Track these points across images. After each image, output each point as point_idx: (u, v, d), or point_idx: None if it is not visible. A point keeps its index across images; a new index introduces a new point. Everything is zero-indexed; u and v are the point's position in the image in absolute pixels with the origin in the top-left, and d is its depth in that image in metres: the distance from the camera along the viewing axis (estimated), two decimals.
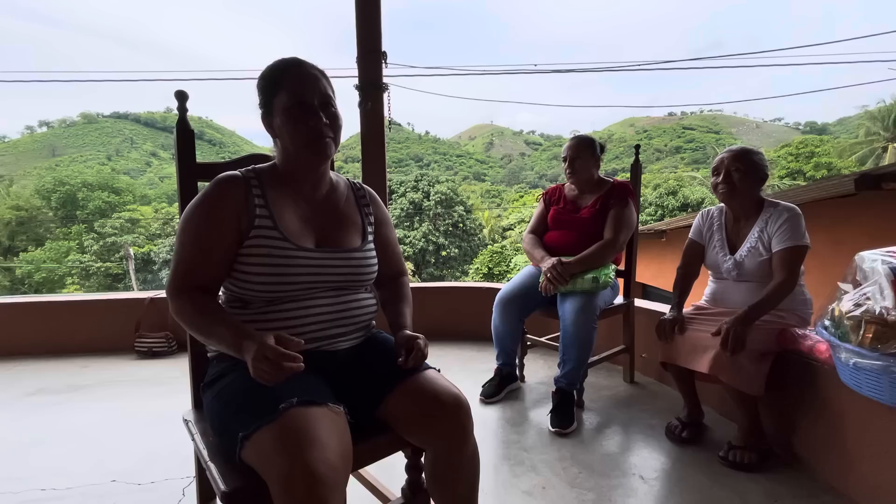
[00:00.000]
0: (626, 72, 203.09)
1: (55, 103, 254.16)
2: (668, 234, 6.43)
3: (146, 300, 2.94)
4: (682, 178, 29.93)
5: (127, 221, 28.82)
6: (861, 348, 1.21)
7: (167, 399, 2.24)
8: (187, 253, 0.97)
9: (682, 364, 1.71)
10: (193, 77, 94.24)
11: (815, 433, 1.59)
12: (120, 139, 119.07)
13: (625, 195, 2.13)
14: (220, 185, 0.99)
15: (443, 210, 26.06)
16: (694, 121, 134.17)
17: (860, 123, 30.18)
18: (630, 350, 2.36)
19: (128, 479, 1.57)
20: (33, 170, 78.58)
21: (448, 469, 1.01)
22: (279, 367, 0.82)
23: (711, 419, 1.92)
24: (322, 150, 1.00)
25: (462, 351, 2.86)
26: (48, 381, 2.47)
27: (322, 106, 1.00)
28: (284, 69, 1.00)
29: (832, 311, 1.34)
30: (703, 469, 1.61)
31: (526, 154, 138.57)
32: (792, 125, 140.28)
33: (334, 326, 1.04)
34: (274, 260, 0.98)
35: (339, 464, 0.80)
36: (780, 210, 1.68)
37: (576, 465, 1.65)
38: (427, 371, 1.05)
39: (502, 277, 20.14)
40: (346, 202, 1.14)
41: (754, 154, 1.70)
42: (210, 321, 0.92)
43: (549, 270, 2.01)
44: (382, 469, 1.20)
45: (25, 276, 25.36)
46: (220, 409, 0.94)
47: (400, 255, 1.26)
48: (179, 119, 1.14)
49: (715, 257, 1.82)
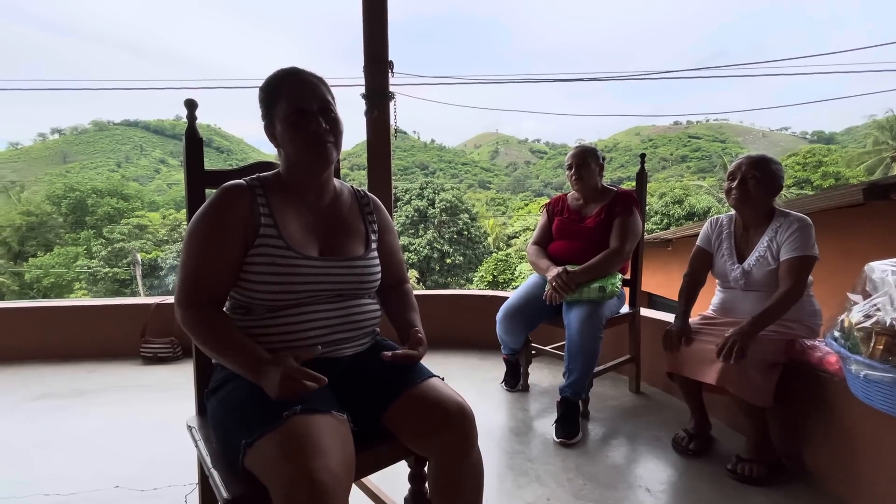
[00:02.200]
0: (632, 80, 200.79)
1: (67, 111, 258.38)
2: (674, 243, 6.40)
3: (152, 306, 2.96)
4: (688, 186, 29.83)
5: (135, 227, 29.09)
6: (871, 360, 1.19)
7: (171, 405, 2.24)
8: (194, 262, 0.97)
9: (689, 375, 1.69)
10: (202, 85, 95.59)
11: (826, 446, 1.56)
12: (130, 146, 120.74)
13: (629, 204, 2.13)
14: (225, 194, 1.00)
15: (448, 218, 26.09)
16: (700, 130, 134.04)
17: (868, 133, 30.00)
18: (636, 360, 2.34)
19: (131, 485, 1.57)
20: (45, 176, 79.81)
21: (452, 479, 1.00)
22: (304, 386, 0.85)
23: (719, 431, 1.90)
24: (323, 153, 1.01)
25: (466, 359, 2.84)
26: (54, 385, 2.49)
27: (321, 111, 1.01)
28: (283, 78, 1.02)
29: (842, 322, 1.32)
30: (711, 482, 1.59)
31: (531, 162, 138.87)
32: (799, 134, 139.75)
33: (338, 333, 1.04)
34: (278, 269, 0.98)
35: (342, 472, 0.79)
36: (790, 220, 1.66)
37: (581, 476, 1.63)
38: (431, 379, 1.04)
39: (507, 285, 20.08)
40: (349, 210, 1.14)
41: (773, 163, 1.69)
42: (223, 343, 0.93)
43: (554, 279, 2.00)
44: (385, 478, 1.19)
45: (34, 281, 25.61)
46: (223, 415, 0.95)
47: (402, 263, 1.27)
48: (189, 127, 1.15)
49: (723, 266, 1.80)
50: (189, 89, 50.65)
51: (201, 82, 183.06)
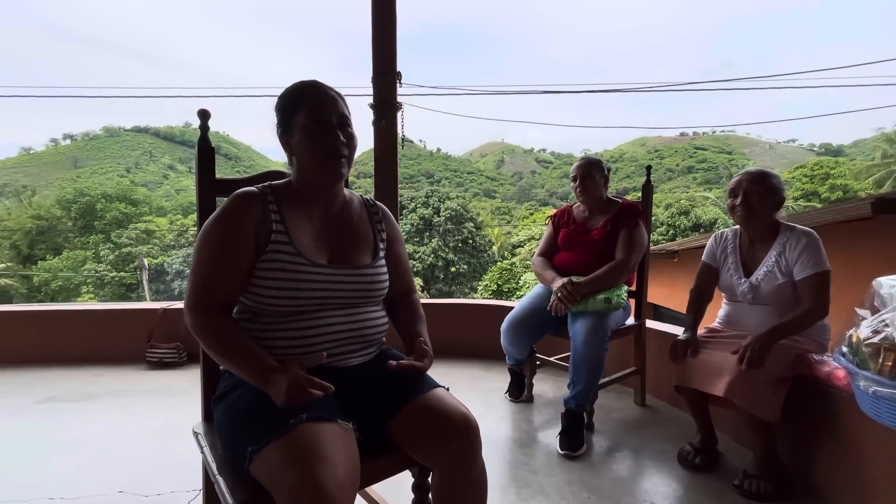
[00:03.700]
0: (638, 92, 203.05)
1: (80, 118, 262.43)
2: (679, 255, 6.36)
3: (159, 311, 2.98)
4: (694, 198, 29.74)
5: (143, 232, 29.35)
6: (880, 377, 1.18)
7: (176, 410, 2.25)
8: (206, 267, 0.99)
9: (696, 387, 1.68)
10: (212, 94, 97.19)
11: (833, 462, 1.54)
12: (139, 152, 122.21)
13: (635, 216, 2.13)
14: (238, 201, 1.01)
15: (453, 226, 26.13)
16: (706, 141, 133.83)
17: (876, 146, 29.85)
18: (641, 372, 2.33)
19: (135, 490, 1.58)
20: (55, 181, 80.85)
21: (455, 490, 1.00)
22: (311, 394, 0.86)
23: (726, 446, 1.87)
24: (336, 167, 1.03)
25: (470, 369, 2.84)
26: (60, 389, 2.50)
27: (340, 126, 1.03)
28: (305, 90, 1.04)
29: (850, 337, 1.31)
30: (717, 498, 1.57)
31: (536, 172, 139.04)
32: (806, 146, 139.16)
33: (346, 343, 1.05)
34: (288, 275, 0.99)
35: (348, 481, 0.80)
36: (797, 234, 1.66)
37: (585, 489, 1.62)
38: (436, 390, 1.04)
39: (511, 295, 20.02)
40: (359, 219, 1.16)
41: (773, 177, 1.69)
42: (231, 350, 0.94)
43: (560, 290, 2.00)
44: (389, 488, 1.18)
45: (42, 284, 25.84)
46: (229, 422, 0.95)
47: (410, 272, 1.27)
48: (201, 137, 1.17)
49: (729, 280, 1.79)
50: (198, 97, 51.45)
51: (211, 91, 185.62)
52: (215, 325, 0.96)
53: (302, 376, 0.87)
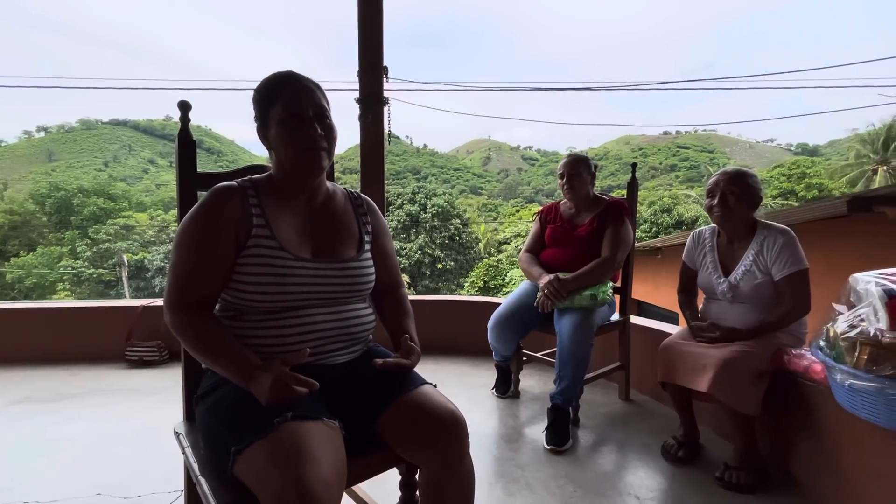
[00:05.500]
0: (623, 90, 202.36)
1: (54, 109, 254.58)
2: (663, 251, 6.47)
3: (139, 309, 2.91)
4: (676, 195, 30.23)
5: (122, 228, 28.63)
6: (856, 370, 1.21)
7: (157, 409, 2.20)
8: (185, 264, 0.96)
9: (680, 383, 1.70)
10: (194, 86, 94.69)
11: (811, 454, 1.58)
12: (118, 146, 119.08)
13: (621, 213, 2.15)
14: (216, 196, 0.99)
15: (439, 223, 26.10)
16: (688, 140, 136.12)
17: (850, 146, 30.70)
18: (626, 367, 2.36)
19: (114, 491, 1.54)
20: (28, 174, 78.25)
21: (443, 486, 0.99)
22: (295, 392, 0.84)
23: (708, 439, 1.91)
24: (316, 160, 1.01)
25: (457, 366, 2.84)
26: (35, 389, 2.43)
27: (317, 117, 1.01)
28: (280, 82, 1.02)
29: (827, 331, 1.35)
30: (699, 489, 1.60)
31: (523, 169, 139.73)
32: (784, 146, 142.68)
33: (332, 341, 1.04)
34: (271, 269, 0.97)
35: (334, 480, 0.78)
36: (774, 232, 1.69)
37: (571, 483, 1.64)
38: (423, 387, 1.04)
39: (498, 291, 20.10)
40: (343, 212, 1.14)
41: (749, 177, 1.72)
42: (213, 348, 0.93)
43: (546, 286, 2.01)
44: (376, 486, 1.18)
45: (16, 281, 25.05)
46: (212, 421, 0.93)
47: (397, 266, 1.26)
48: (182, 129, 1.14)
49: (708, 279, 1.82)
50: (180, 90, 50.04)
51: (193, 83, 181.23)
52: (196, 322, 0.94)
53: (286, 374, 0.86)
